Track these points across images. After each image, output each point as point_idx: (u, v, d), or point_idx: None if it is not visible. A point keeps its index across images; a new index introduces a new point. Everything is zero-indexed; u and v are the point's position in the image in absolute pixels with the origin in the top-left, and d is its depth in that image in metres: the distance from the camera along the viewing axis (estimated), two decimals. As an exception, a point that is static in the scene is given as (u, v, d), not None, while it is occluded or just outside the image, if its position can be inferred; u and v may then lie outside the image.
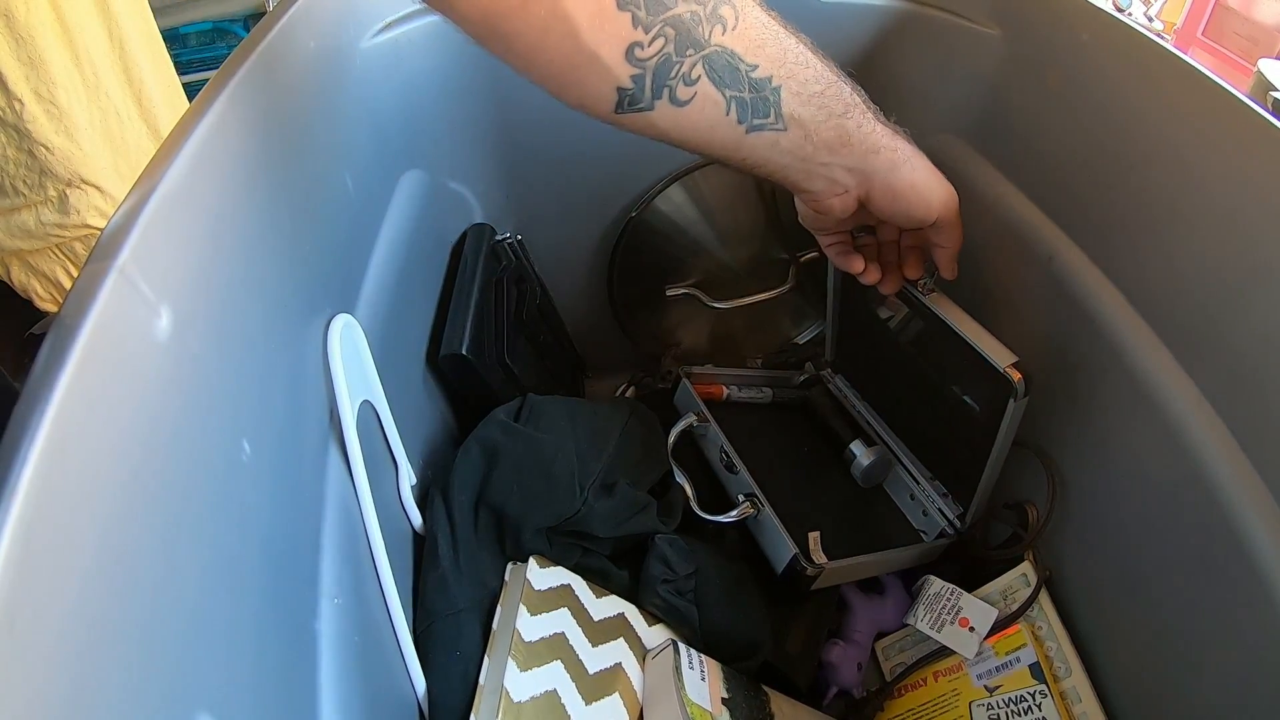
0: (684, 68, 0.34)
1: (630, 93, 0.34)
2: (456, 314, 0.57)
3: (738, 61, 0.35)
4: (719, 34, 0.34)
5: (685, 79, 0.34)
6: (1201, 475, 0.45)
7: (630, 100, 0.34)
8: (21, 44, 0.68)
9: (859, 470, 0.66)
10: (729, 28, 0.34)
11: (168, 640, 0.22)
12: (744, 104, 0.36)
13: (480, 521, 0.48)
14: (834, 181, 0.43)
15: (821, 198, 0.44)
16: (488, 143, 0.64)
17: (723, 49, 0.34)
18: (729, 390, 0.72)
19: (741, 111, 0.36)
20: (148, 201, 0.25)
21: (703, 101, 0.35)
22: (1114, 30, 0.51)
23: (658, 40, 0.33)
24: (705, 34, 0.34)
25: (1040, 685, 0.52)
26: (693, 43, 0.33)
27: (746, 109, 0.37)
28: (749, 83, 0.36)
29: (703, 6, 0.33)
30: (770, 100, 0.37)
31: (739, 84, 0.36)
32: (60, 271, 0.79)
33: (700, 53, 0.34)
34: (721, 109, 0.36)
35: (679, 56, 0.33)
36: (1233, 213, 0.44)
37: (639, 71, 0.33)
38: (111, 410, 0.21)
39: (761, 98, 0.37)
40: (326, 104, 0.43)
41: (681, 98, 0.35)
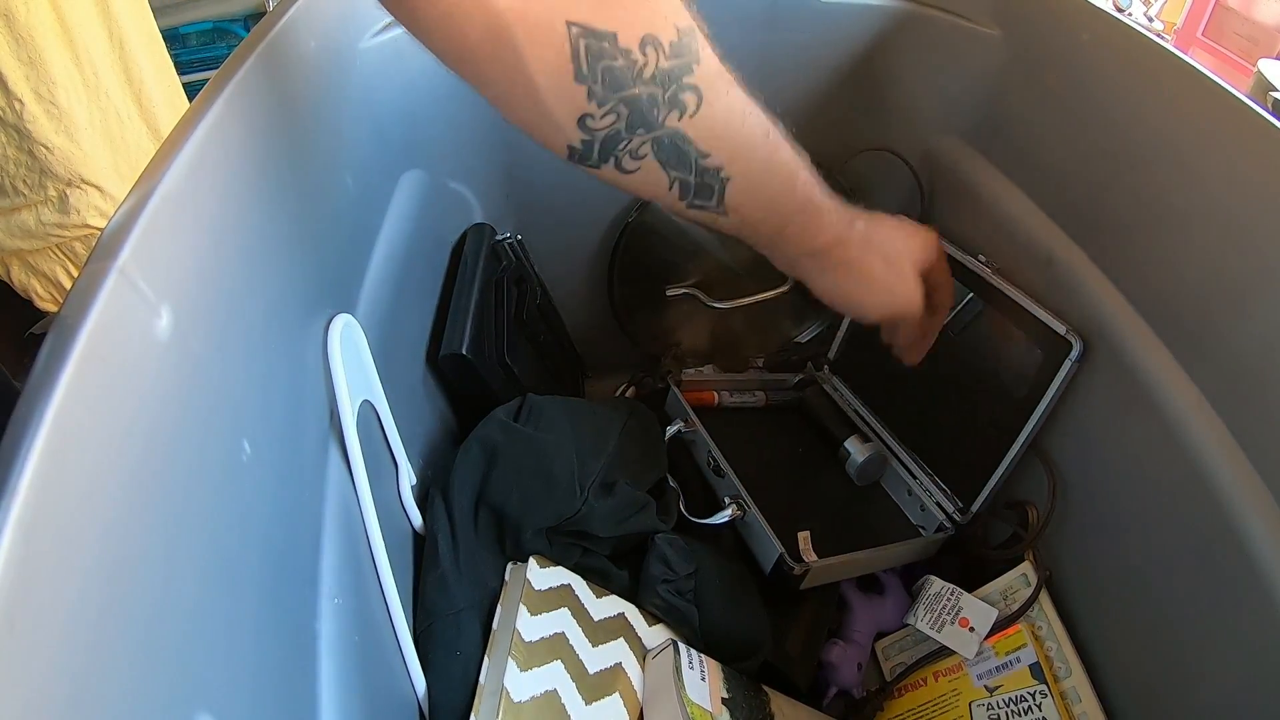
0: (632, 144, 0.35)
1: (579, 151, 0.35)
2: (456, 314, 0.57)
3: (689, 146, 0.36)
4: (674, 119, 0.35)
5: (632, 153, 0.36)
6: (1201, 475, 0.45)
7: (579, 157, 0.36)
8: (21, 44, 0.68)
9: (854, 467, 0.67)
10: (687, 113, 0.35)
11: (168, 640, 0.22)
12: (687, 185, 0.38)
13: (480, 521, 0.48)
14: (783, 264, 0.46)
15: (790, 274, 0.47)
16: (488, 143, 0.64)
17: (675, 133, 0.35)
18: (720, 395, 0.72)
19: (684, 191, 0.38)
20: (148, 201, 0.25)
21: (646, 174, 0.37)
22: (1114, 30, 0.51)
23: (609, 116, 0.34)
24: (659, 117, 0.35)
25: (1040, 685, 0.52)
26: (644, 123, 0.35)
27: (690, 190, 0.38)
28: (696, 168, 0.37)
29: (663, 89, 0.34)
30: (714, 189, 0.38)
31: (685, 168, 0.37)
32: (60, 271, 0.79)
33: (650, 133, 0.35)
34: (664, 185, 0.37)
35: (628, 134, 0.35)
36: (1233, 213, 0.44)
37: (588, 138, 0.35)
38: (111, 410, 0.21)
39: (706, 184, 0.38)
40: (326, 104, 0.43)
41: (627, 167, 0.36)
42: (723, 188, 0.38)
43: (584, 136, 0.35)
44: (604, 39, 0.32)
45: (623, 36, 0.32)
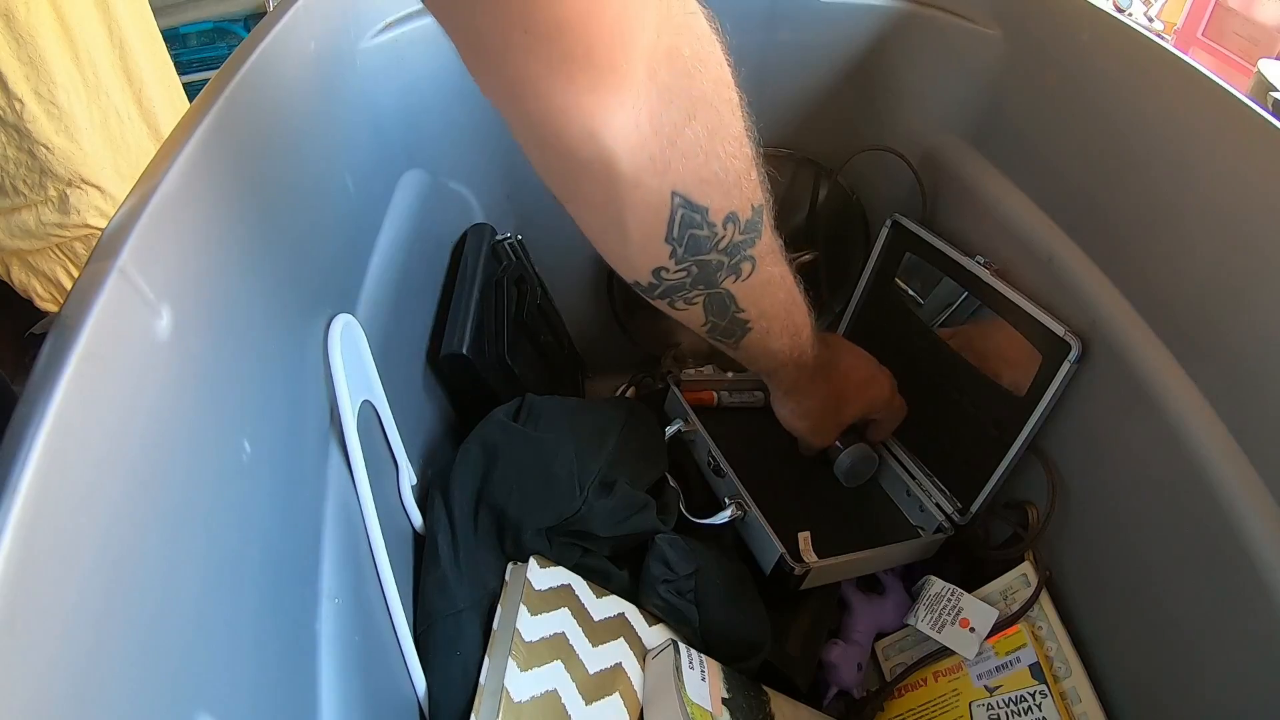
0: (691, 295, 0.41)
1: (643, 287, 0.40)
2: (456, 314, 0.57)
3: (731, 303, 0.42)
4: (730, 281, 0.40)
5: (686, 300, 0.41)
6: (1201, 475, 0.45)
7: (641, 290, 0.40)
8: (22, 44, 0.68)
9: (841, 469, 0.67)
10: (741, 278, 0.41)
11: (168, 640, 0.22)
12: (717, 327, 0.44)
13: (480, 521, 0.48)
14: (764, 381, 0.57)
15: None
16: (488, 143, 0.64)
17: (726, 292, 0.41)
18: (720, 395, 0.72)
19: (712, 330, 0.44)
20: (148, 201, 0.25)
21: (689, 312, 0.42)
22: (1114, 30, 0.51)
23: (681, 273, 0.39)
24: (719, 279, 0.40)
25: (1040, 685, 0.52)
26: (706, 281, 0.40)
27: (718, 331, 0.44)
28: (730, 319, 0.44)
29: (729, 258, 0.39)
30: (737, 334, 0.45)
31: (722, 315, 0.43)
32: (60, 271, 0.79)
33: (707, 290, 0.40)
34: (699, 322, 0.43)
35: (692, 289, 0.40)
36: (1233, 213, 0.44)
37: (656, 283, 0.39)
38: (112, 410, 0.21)
39: (730, 329, 0.45)
40: (326, 104, 0.43)
41: (678, 307, 0.42)
42: (744, 333, 0.45)
43: (653, 281, 0.39)
44: (698, 211, 0.36)
45: (713, 211, 0.36)
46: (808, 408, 0.58)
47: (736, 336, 0.45)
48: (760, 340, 0.47)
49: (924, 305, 0.67)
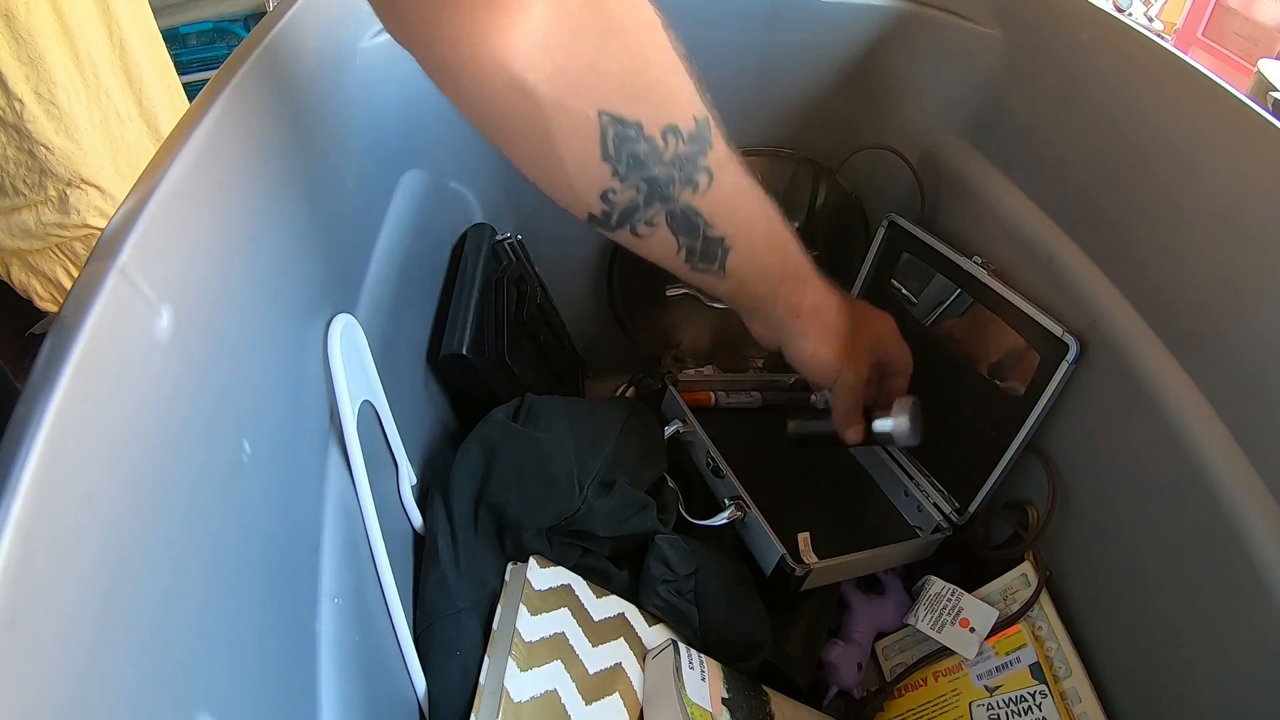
0: (648, 214, 0.39)
1: (598, 218, 0.39)
2: (456, 314, 0.57)
3: (698, 219, 0.40)
4: (688, 194, 0.39)
5: (647, 221, 0.39)
6: (1201, 475, 0.45)
7: (597, 223, 0.39)
8: (22, 44, 0.68)
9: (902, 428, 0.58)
10: (699, 190, 0.39)
11: (168, 640, 0.22)
12: (693, 251, 0.42)
13: (480, 521, 0.48)
14: (765, 327, 0.51)
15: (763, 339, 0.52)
16: (488, 144, 0.64)
17: (687, 207, 0.39)
18: (718, 396, 0.72)
19: (690, 256, 0.42)
20: (148, 201, 0.25)
21: (659, 240, 0.40)
22: (1114, 30, 0.51)
23: (629, 191, 0.37)
24: (674, 193, 0.38)
25: (1040, 685, 0.52)
26: (661, 198, 0.38)
27: (695, 255, 0.42)
28: (704, 238, 0.41)
29: (680, 170, 0.38)
30: (717, 255, 0.43)
31: (693, 235, 0.41)
32: (60, 271, 0.79)
33: (665, 206, 0.39)
34: (673, 249, 0.41)
35: (645, 206, 0.38)
36: (1233, 212, 0.44)
37: (608, 209, 0.38)
38: (112, 410, 0.21)
39: (710, 250, 0.42)
40: (326, 104, 0.43)
41: (640, 233, 0.40)
42: (725, 254, 0.43)
43: (604, 207, 0.38)
44: (630, 127, 0.35)
45: (648, 126, 0.36)
46: (827, 325, 0.52)
47: (719, 260, 0.43)
48: (746, 259, 0.44)
49: (916, 304, 0.67)
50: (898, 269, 0.69)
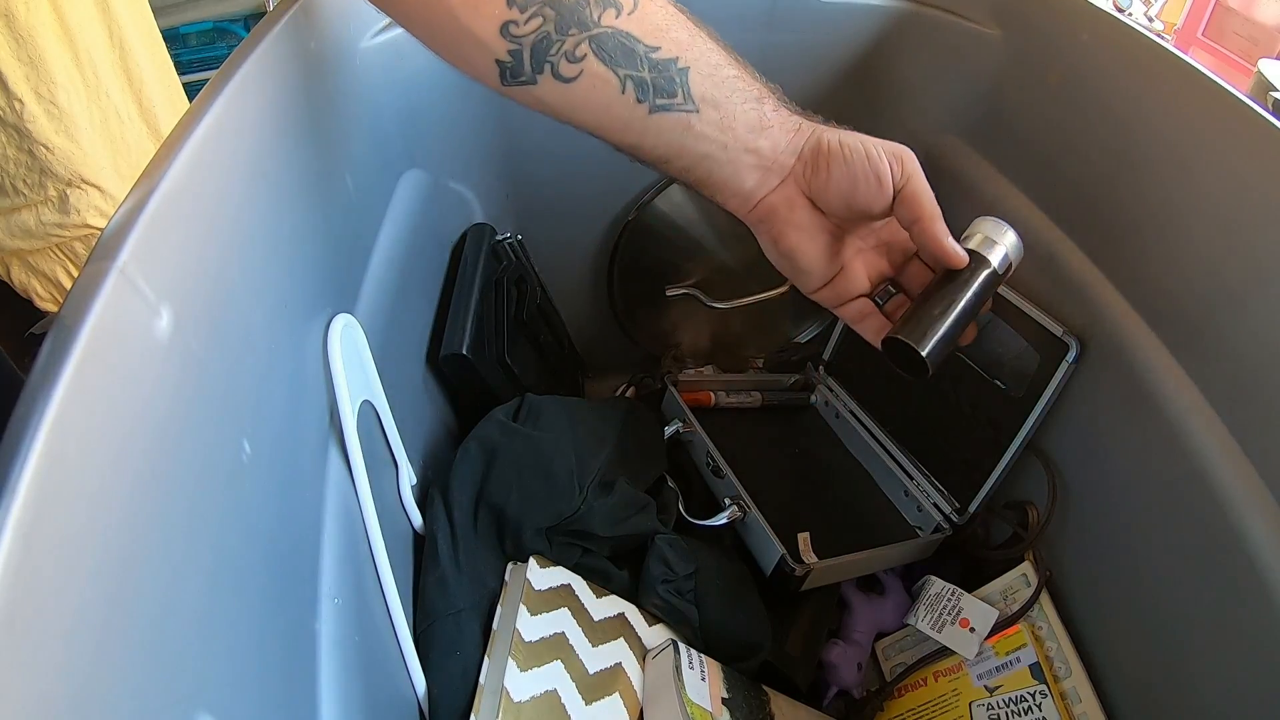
0: (566, 45, 0.34)
1: (509, 65, 0.34)
2: (456, 314, 0.57)
3: (634, 43, 0.35)
4: (611, 17, 0.34)
5: (569, 56, 0.34)
6: (1201, 475, 0.45)
7: (511, 73, 0.34)
8: (21, 44, 0.68)
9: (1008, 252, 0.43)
10: (624, 11, 0.34)
11: (168, 640, 0.22)
12: (643, 83, 0.35)
13: (480, 521, 0.48)
14: (766, 171, 0.39)
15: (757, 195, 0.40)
16: (488, 143, 0.64)
17: (615, 30, 0.34)
18: (717, 396, 0.72)
19: (640, 90, 0.35)
20: (148, 201, 0.25)
21: (591, 79, 0.35)
22: (1114, 30, 0.51)
23: (534, 20, 0.33)
24: (593, 16, 0.34)
25: (1040, 685, 0.52)
26: (577, 23, 0.34)
27: (647, 88, 0.35)
28: (649, 63, 0.35)
29: None
30: (677, 81, 0.36)
31: (635, 64, 0.35)
32: (60, 271, 0.79)
33: (585, 33, 0.34)
34: (615, 87, 0.35)
35: (559, 35, 0.34)
36: (1233, 213, 0.44)
37: (515, 47, 0.33)
38: (111, 410, 0.21)
39: (665, 77, 0.36)
40: (326, 104, 0.43)
41: (566, 74, 0.34)
42: (685, 78, 0.36)
43: (511, 46, 0.33)
44: None
45: None
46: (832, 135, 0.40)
47: (680, 85, 0.36)
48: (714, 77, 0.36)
49: None
50: (898, 269, 0.69)
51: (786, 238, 0.41)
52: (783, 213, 0.40)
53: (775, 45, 0.66)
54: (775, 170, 0.39)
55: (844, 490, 0.69)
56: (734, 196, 0.40)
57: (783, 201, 0.40)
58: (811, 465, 0.71)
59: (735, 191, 0.40)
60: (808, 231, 0.41)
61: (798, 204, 0.40)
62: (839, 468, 0.72)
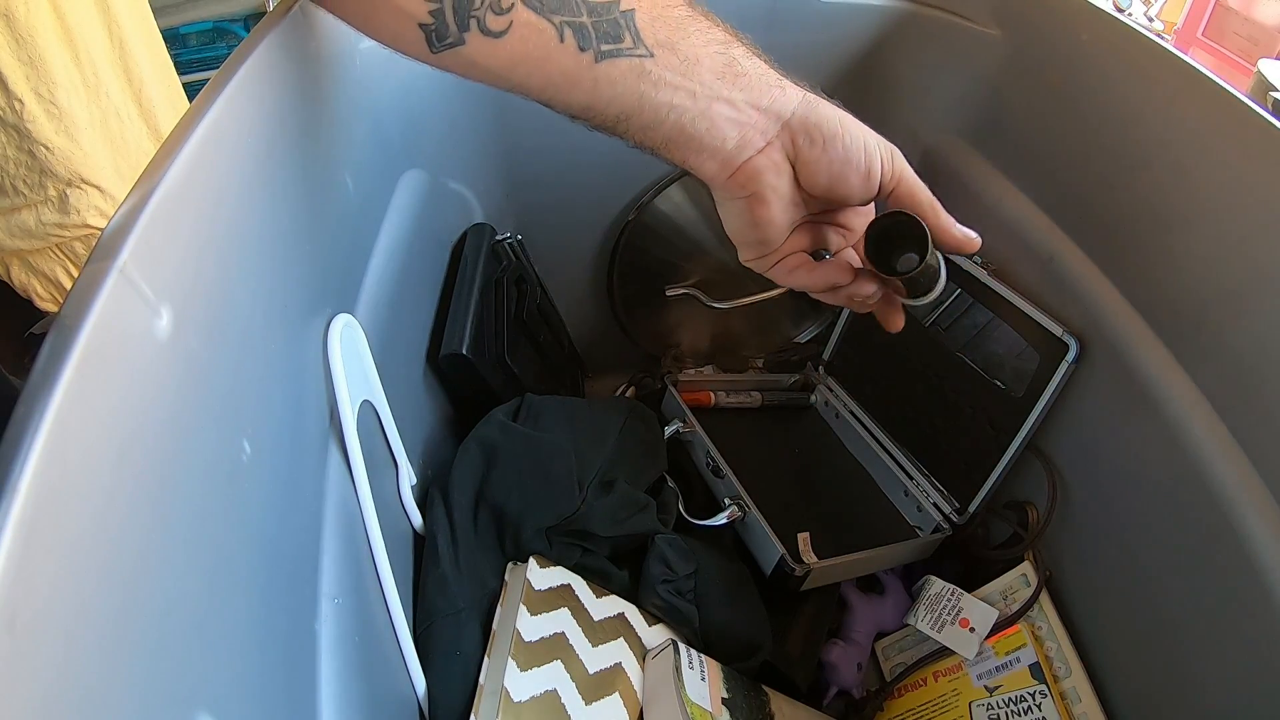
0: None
1: (434, 28, 0.31)
2: (456, 314, 0.57)
3: None
4: None
5: (494, 7, 0.31)
6: (1201, 475, 0.45)
7: (437, 35, 0.31)
8: (21, 44, 0.68)
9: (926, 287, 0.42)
10: None
11: (167, 640, 0.22)
12: (583, 29, 0.31)
13: (480, 521, 0.48)
14: (747, 126, 0.34)
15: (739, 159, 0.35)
16: (488, 143, 0.64)
17: None
18: (717, 396, 0.72)
19: (582, 38, 0.31)
20: (148, 201, 0.25)
21: (523, 30, 0.31)
22: (1114, 30, 0.51)
23: None
24: None
25: (1040, 685, 0.52)
26: None
27: (588, 34, 0.31)
28: (586, 6, 0.31)
29: None
30: (621, 23, 0.32)
31: (570, 8, 0.31)
32: (60, 271, 0.79)
33: None
34: (551, 36, 0.31)
35: None
36: (1233, 213, 0.44)
37: (436, 6, 0.31)
38: (111, 410, 0.21)
39: (608, 20, 0.32)
40: (326, 104, 0.43)
41: (494, 28, 0.31)
42: (631, 20, 0.32)
43: (431, 6, 0.31)
44: None
45: None
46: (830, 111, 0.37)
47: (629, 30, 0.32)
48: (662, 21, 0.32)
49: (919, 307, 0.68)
50: (898, 269, 0.69)
51: (764, 208, 0.37)
52: (769, 179, 0.36)
53: (775, 45, 0.65)
54: (758, 129, 0.35)
55: (844, 490, 0.69)
56: (712, 158, 0.35)
57: (770, 167, 0.36)
58: (811, 465, 0.71)
59: (715, 151, 0.35)
60: (783, 204, 0.37)
61: (784, 171, 0.36)
62: (839, 468, 0.72)
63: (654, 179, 0.72)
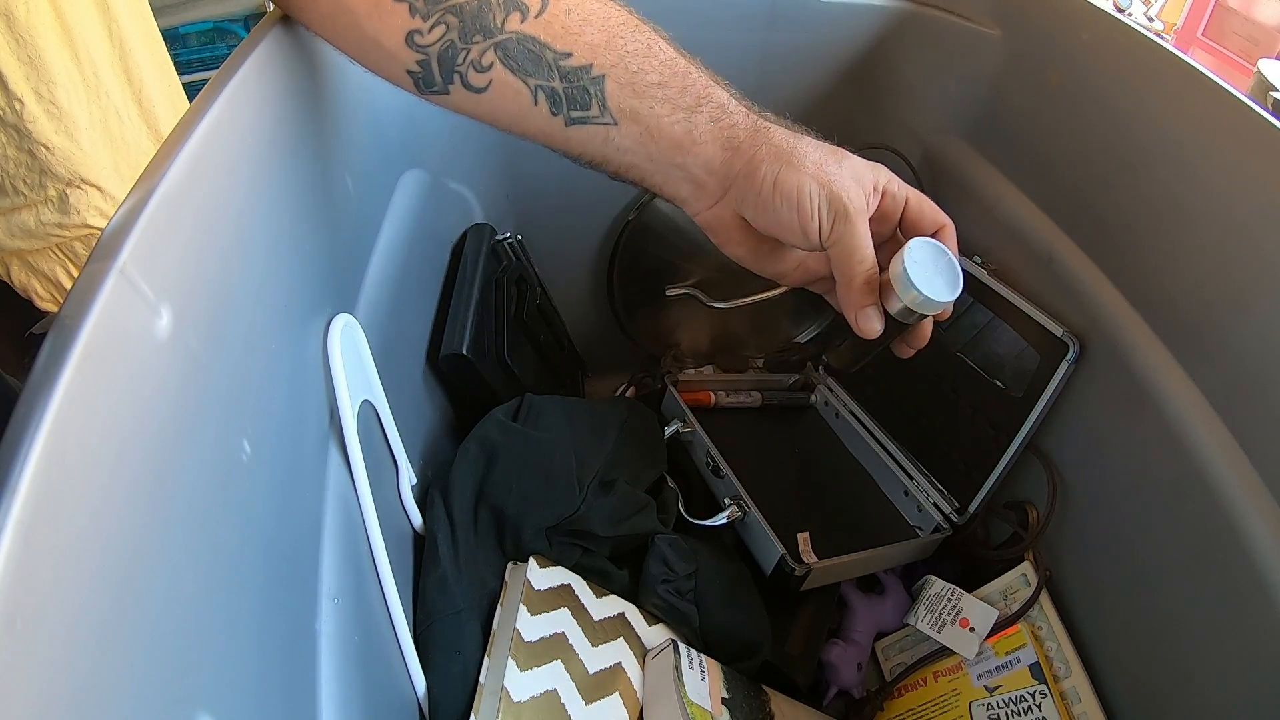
0: (472, 54, 0.33)
1: (420, 76, 0.34)
2: (456, 314, 0.57)
3: (541, 49, 0.33)
4: (515, 21, 0.33)
5: (476, 65, 0.33)
6: (1201, 475, 0.45)
7: (424, 83, 0.34)
8: (21, 44, 0.68)
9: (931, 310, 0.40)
10: (530, 14, 0.33)
11: (167, 640, 0.22)
12: (555, 95, 0.34)
13: (480, 521, 0.48)
14: (699, 187, 0.38)
15: (693, 207, 0.39)
16: (488, 143, 0.64)
17: (520, 35, 0.33)
18: (717, 396, 0.72)
19: (554, 103, 0.34)
20: (148, 201, 0.25)
21: (502, 89, 0.34)
22: (1114, 30, 0.51)
23: (438, 28, 0.33)
24: (496, 21, 0.33)
25: (1040, 685, 0.52)
26: (481, 30, 0.33)
27: (560, 100, 0.34)
28: (559, 71, 0.34)
29: None
30: (591, 92, 0.34)
31: (545, 73, 0.34)
32: (60, 271, 0.79)
33: (490, 40, 0.33)
34: (526, 98, 0.34)
35: (464, 43, 0.33)
36: (1233, 212, 0.44)
37: (423, 57, 0.33)
38: (112, 410, 0.21)
39: (578, 88, 0.34)
40: (326, 104, 0.43)
41: (475, 84, 0.34)
42: (600, 89, 0.34)
43: (418, 56, 0.33)
44: None
45: None
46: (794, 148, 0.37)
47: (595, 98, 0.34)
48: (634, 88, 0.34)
49: None
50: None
51: (729, 248, 0.41)
52: (721, 230, 0.40)
53: (775, 45, 0.66)
54: (708, 188, 0.38)
55: (844, 490, 0.69)
56: (672, 199, 0.39)
57: (717, 221, 0.39)
58: (811, 465, 0.71)
59: (672, 197, 0.39)
60: (748, 245, 0.40)
61: (733, 224, 0.39)
62: (839, 468, 0.72)
63: (654, 179, 0.72)
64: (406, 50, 0.33)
